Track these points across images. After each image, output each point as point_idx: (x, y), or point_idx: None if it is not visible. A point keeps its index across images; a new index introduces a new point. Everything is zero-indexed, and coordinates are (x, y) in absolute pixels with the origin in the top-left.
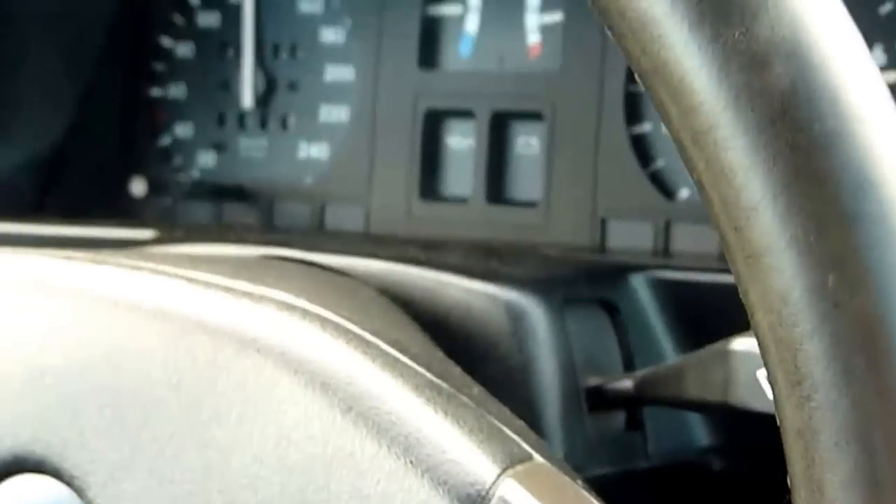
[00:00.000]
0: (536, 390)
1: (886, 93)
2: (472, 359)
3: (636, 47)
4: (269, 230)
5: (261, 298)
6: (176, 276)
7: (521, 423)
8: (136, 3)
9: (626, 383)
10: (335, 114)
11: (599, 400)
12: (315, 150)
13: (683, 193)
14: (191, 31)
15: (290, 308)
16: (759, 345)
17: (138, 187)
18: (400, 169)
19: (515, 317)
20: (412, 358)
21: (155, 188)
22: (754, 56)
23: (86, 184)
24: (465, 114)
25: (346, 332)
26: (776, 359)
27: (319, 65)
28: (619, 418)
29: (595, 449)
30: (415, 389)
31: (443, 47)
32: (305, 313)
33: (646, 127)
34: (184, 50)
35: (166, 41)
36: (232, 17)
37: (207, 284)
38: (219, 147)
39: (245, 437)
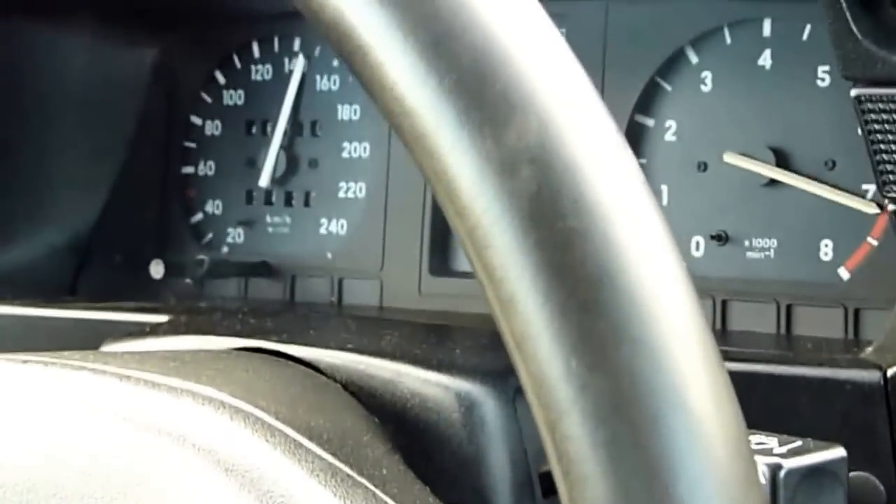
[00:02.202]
0: (487, 479)
1: (632, 187)
2: (427, 448)
3: (419, 155)
4: (287, 307)
5: (182, 393)
6: (115, 374)
7: (431, 503)
8: (167, 83)
9: None
10: (353, 190)
11: (553, 484)
12: (335, 226)
13: None
14: (218, 110)
15: (208, 401)
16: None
17: (157, 269)
18: (412, 244)
19: (466, 408)
20: (321, 443)
21: (175, 269)
22: (504, 162)
23: (119, 265)
24: None
25: (254, 422)
26: (544, 436)
27: (338, 142)
28: None
29: None
30: (310, 473)
31: None
32: (220, 405)
33: None
34: (212, 128)
35: (196, 119)
36: (256, 95)
37: (138, 381)
38: (247, 224)
39: None
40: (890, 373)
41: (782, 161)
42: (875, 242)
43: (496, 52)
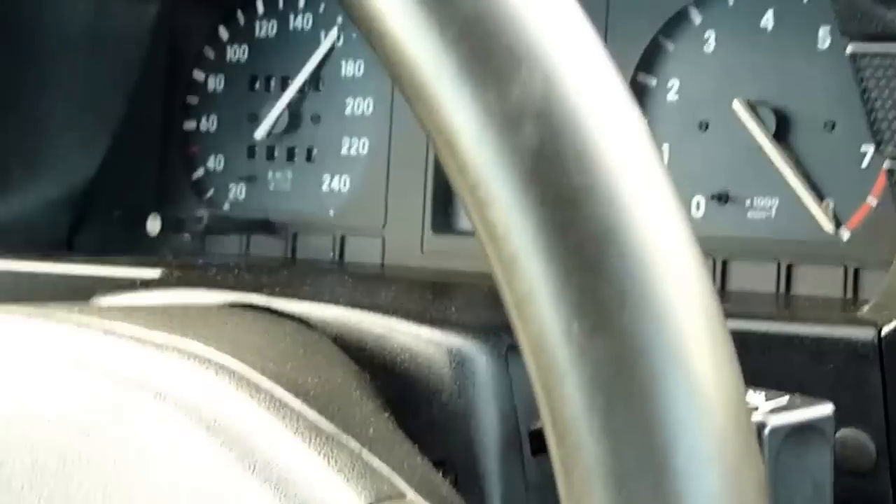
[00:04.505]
0: (476, 435)
1: (638, 144)
2: (417, 403)
3: (419, 108)
4: (287, 264)
5: (166, 349)
6: (99, 329)
7: (419, 463)
8: (170, 38)
9: None
10: (356, 146)
11: (543, 442)
12: (337, 183)
13: None
14: (221, 65)
15: (192, 357)
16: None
17: (153, 225)
18: (415, 202)
19: (457, 363)
20: (308, 400)
21: (174, 225)
22: (507, 116)
23: (117, 220)
24: None
25: (239, 379)
26: (539, 399)
27: (341, 98)
28: None
29: (538, 490)
30: (294, 432)
31: None
32: (205, 361)
33: None
34: (214, 83)
35: (198, 74)
36: (260, 50)
37: (121, 336)
38: (248, 179)
39: (144, 478)
40: (885, 331)
41: (782, 121)
42: (875, 202)
43: (502, 3)
